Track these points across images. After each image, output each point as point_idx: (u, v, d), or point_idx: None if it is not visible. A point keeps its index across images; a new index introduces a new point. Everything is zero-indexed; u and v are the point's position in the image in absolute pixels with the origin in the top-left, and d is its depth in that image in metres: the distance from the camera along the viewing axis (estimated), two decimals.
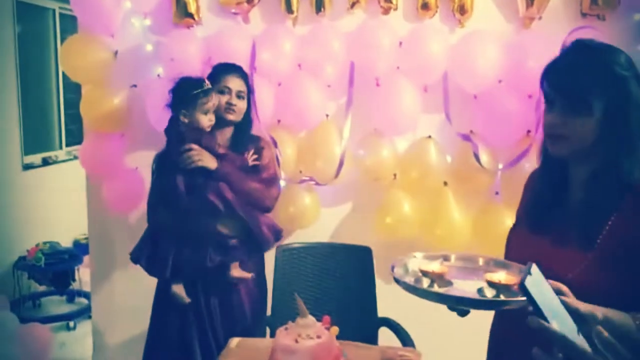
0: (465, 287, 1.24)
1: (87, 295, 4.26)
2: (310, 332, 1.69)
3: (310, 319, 1.74)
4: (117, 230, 2.99)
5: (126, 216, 2.93)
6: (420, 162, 2.64)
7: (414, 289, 1.22)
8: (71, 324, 4.05)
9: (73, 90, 3.16)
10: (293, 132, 2.74)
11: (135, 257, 2.32)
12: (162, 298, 2.34)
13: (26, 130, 4.75)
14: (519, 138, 2.59)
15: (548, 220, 1.33)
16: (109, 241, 3.02)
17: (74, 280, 4.40)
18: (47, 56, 5.22)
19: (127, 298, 2.98)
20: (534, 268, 0.84)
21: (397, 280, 1.24)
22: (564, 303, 0.93)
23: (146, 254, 2.30)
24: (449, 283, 1.26)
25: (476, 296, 1.19)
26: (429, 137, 2.64)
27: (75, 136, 5.29)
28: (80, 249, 4.53)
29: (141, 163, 2.79)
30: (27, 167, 4.78)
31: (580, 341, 0.80)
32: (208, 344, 2.30)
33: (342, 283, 2.61)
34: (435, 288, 1.23)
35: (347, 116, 2.68)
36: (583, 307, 0.99)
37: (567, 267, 1.22)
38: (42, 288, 4.45)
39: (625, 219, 1.21)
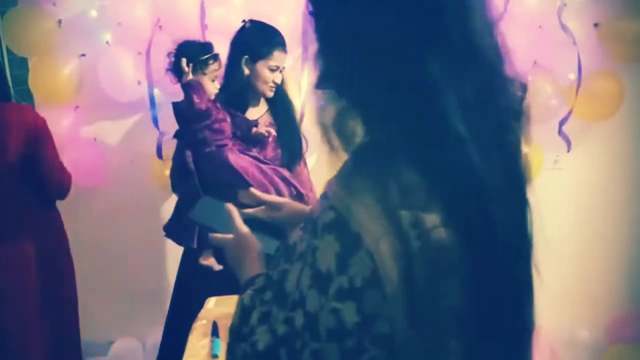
0: None
1: None
2: None
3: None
4: (83, 209, 2.90)
5: (92, 193, 2.85)
6: None
7: None
8: None
9: (20, 66, 3.03)
10: None
11: (167, 230, 2.30)
12: (187, 265, 2.33)
13: None
14: (526, 70, 2.57)
15: None
16: (76, 220, 2.94)
17: None
18: None
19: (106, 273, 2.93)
20: (202, 200, 1.05)
21: None
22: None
23: (175, 226, 2.28)
24: None
25: None
26: None
27: None
28: None
29: (98, 133, 2.74)
30: None
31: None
32: None
33: None
34: None
35: (303, 68, 2.64)
36: None
37: None
38: None
39: None
